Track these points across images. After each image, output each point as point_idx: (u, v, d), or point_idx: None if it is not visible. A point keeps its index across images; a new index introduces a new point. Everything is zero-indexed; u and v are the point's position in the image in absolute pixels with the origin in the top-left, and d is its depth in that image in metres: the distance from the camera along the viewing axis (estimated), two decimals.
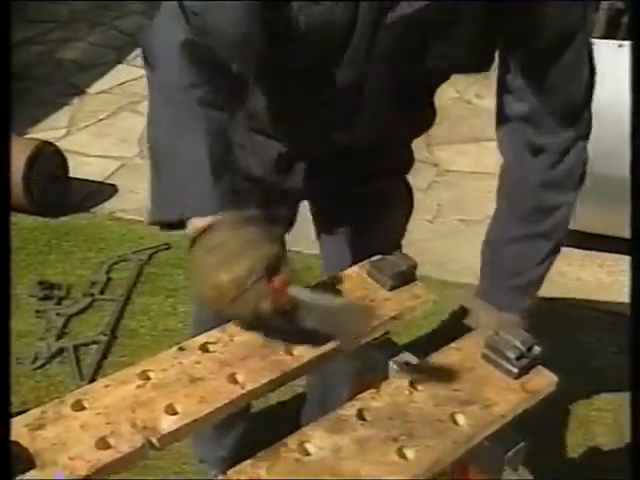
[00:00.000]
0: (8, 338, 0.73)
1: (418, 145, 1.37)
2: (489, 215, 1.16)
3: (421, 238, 2.67)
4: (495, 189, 1.16)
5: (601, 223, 2.45)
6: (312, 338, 0.89)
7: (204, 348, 0.89)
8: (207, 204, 0.87)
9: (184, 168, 0.90)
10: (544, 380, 0.89)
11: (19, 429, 0.77)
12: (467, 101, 3.60)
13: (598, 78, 1.03)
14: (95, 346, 2.11)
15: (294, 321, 0.86)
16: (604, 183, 2.27)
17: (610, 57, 2.14)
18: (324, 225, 1.44)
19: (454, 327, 1.11)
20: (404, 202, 1.42)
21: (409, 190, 1.43)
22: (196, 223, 0.86)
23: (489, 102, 3.78)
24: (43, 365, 2.04)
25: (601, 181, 2.29)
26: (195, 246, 0.86)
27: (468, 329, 1.03)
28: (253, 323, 0.87)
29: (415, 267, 1.03)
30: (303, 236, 1.80)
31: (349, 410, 0.83)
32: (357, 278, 1.03)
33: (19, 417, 0.79)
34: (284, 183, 1.28)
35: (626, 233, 0.78)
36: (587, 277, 2.51)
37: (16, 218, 2.63)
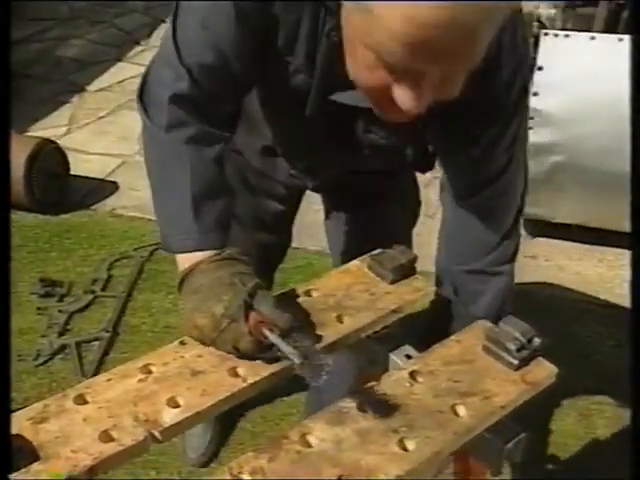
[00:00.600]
0: (8, 334, 0.73)
1: None
2: None
3: (421, 232, 2.67)
4: None
5: (601, 217, 2.45)
6: None
7: None
8: (187, 242, 0.92)
9: (168, 205, 0.96)
10: (544, 372, 0.90)
11: (22, 422, 0.78)
12: None
13: (598, 73, 1.03)
14: (97, 343, 2.11)
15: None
16: (604, 178, 2.27)
17: (610, 52, 2.15)
18: (328, 209, 1.45)
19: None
20: (405, 202, 1.41)
21: (414, 193, 1.43)
22: (181, 262, 0.92)
23: None
24: (45, 362, 2.04)
25: (601, 176, 2.30)
26: (182, 289, 0.91)
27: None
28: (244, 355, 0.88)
29: (415, 261, 1.04)
30: (304, 233, 1.81)
31: (350, 402, 0.84)
32: (358, 272, 1.04)
33: (22, 411, 0.80)
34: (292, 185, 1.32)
35: (626, 227, 0.78)
36: (587, 271, 2.51)
37: (17, 216, 2.63)
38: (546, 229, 2.62)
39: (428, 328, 1.11)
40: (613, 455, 1.74)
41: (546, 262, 2.57)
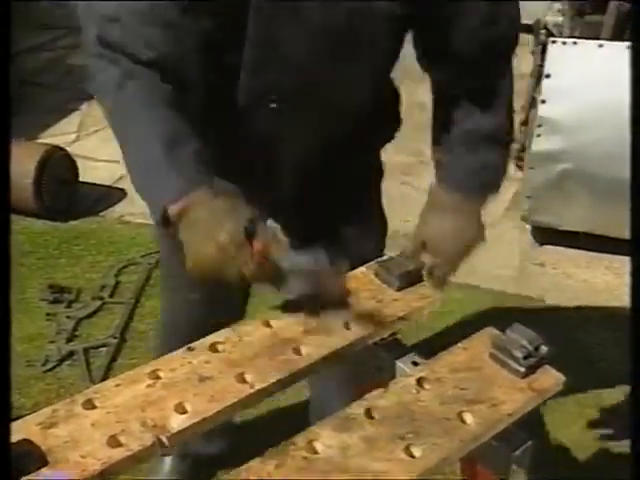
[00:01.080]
0: (8, 336, 0.74)
1: (422, 148, 1.37)
2: (497, 218, 1.17)
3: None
4: (501, 192, 1.16)
5: (608, 224, 2.45)
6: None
7: (213, 348, 0.90)
8: (171, 189, 0.92)
9: (142, 165, 0.96)
10: (551, 379, 0.90)
11: (31, 427, 0.78)
12: None
13: (606, 80, 1.03)
14: (105, 349, 2.12)
15: (280, 285, 0.91)
16: (612, 186, 2.27)
17: (618, 59, 2.15)
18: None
19: (461, 326, 1.12)
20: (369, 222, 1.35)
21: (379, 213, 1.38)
22: (172, 210, 0.91)
23: None
24: (53, 368, 2.05)
25: (609, 184, 2.29)
26: (180, 229, 0.91)
27: (476, 329, 1.03)
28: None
29: (422, 268, 1.04)
30: None
31: (357, 409, 0.84)
32: (364, 278, 1.04)
33: (31, 416, 0.81)
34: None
35: None
36: (594, 279, 2.51)
37: (26, 222, 2.65)
38: (553, 237, 2.62)
39: None
40: (623, 462, 1.73)
41: (553, 270, 2.56)
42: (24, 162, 2.56)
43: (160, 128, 0.94)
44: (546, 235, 2.62)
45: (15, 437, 0.76)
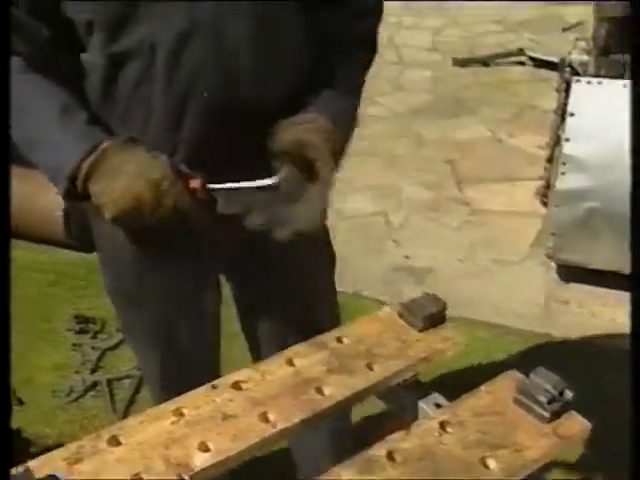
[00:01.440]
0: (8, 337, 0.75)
1: (448, 184, 1.37)
2: (522, 255, 1.17)
3: (451, 276, 2.67)
4: (526, 228, 1.16)
5: None
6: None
7: (236, 386, 0.91)
8: (76, 148, 0.94)
9: (35, 134, 0.98)
10: (577, 425, 0.89)
11: (57, 462, 0.80)
12: (499, 140, 3.61)
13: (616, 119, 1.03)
14: (128, 380, 2.14)
15: (214, 212, 0.95)
16: None
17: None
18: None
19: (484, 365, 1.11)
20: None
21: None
22: (82, 167, 0.93)
23: (521, 141, 3.80)
24: (78, 398, 2.07)
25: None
26: (92, 182, 0.93)
27: (500, 368, 1.03)
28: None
29: (445, 309, 1.04)
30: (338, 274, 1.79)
31: (379, 451, 0.84)
32: (388, 319, 1.04)
33: (57, 450, 0.82)
34: None
35: None
36: (621, 318, 2.47)
37: (54, 252, 2.69)
38: (579, 274, 2.59)
39: None
40: None
41: (578, 308, 2.53)
42: (53, 193, 2.61)
43: (51, 100, 0.97)
44: (572, 273, 2.60)
45: (41, 472, 0.77)
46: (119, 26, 0.95)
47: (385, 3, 1.15)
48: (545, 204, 2.88)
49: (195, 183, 0.94)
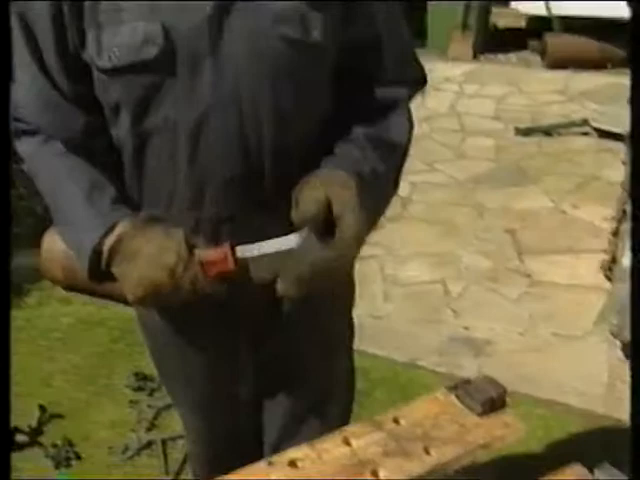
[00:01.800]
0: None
1: (508, 254, 1.35)
2: (585, 331, 1.13)
3: (511, 350, 2.61)
4: (590, 303, 1.13)
5: None
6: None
7: (293, 464, 0.91)
8: (98, 226, 0.96)
9: (65, 213, 1.02)
10: None
11: None
12: (562, 211, 3.56)
13: None
14: (182, 441, 2.15)
15: (245, 282, 0.92)
16: None
17: None
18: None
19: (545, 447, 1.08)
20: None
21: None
22: (104, 246, 0.95)
23: (585, 212, 3.73)
24: (132, 456, 2.10)
25: None
26: (114, 265, 0.95)
27: (560, 450, 1.00)
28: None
29: (505, 393, 1.03)
30: (389, 340, 1.80)
31: None
32: (445, 401, 1.03)
33: None
34: None
35: None
36: None
37: (118, 309, 2.77)
38: None
39: None
40: None
41: None
42: None
43: (78, 177, 1.00)
44: None
45: None
46: (144, 106, 0.99)
47: (448, 72, 1.17)
48: (609, 278, 2.81)
49: (218, 253, 0.92)
